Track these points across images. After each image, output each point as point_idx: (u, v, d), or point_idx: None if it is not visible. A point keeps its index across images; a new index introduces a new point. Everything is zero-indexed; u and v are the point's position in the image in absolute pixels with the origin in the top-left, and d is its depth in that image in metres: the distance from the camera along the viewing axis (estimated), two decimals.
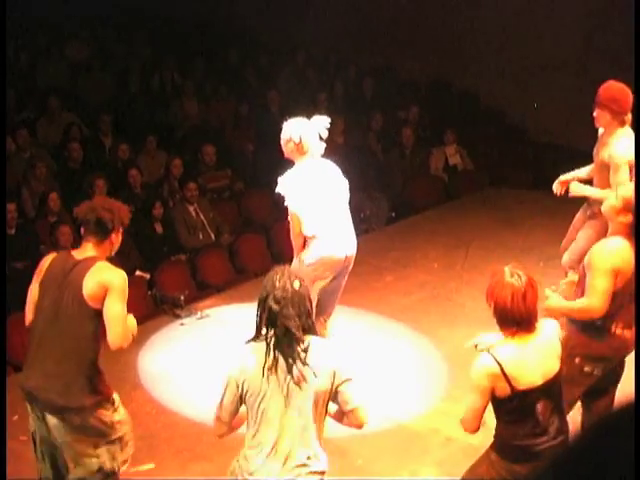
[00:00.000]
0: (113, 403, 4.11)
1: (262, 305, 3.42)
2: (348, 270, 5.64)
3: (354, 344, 5.99)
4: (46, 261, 4.18)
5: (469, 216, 9.11)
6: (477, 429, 3.66)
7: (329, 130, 5.51)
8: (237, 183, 9.67)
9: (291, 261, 5.46)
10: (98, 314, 3.96)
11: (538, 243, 7.90)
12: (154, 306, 7.31)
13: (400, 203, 10.05)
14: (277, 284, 3.40)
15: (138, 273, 7.60)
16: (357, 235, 5.66)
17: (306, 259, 5.41)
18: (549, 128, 11.01)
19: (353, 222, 5.65)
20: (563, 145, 10.35)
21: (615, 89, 5.47)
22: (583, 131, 5.72)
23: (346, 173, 5.64)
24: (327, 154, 5.56)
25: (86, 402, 4.00)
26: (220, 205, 9.11)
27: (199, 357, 6.19)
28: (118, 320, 3.93)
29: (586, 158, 5.74)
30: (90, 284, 3.93)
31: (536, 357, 3.56)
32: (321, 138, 5.45)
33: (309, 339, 3.42)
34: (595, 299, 4.23)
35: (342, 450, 5.02)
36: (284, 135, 5.46)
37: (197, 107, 11.24)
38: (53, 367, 3.98)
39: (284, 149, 5.50)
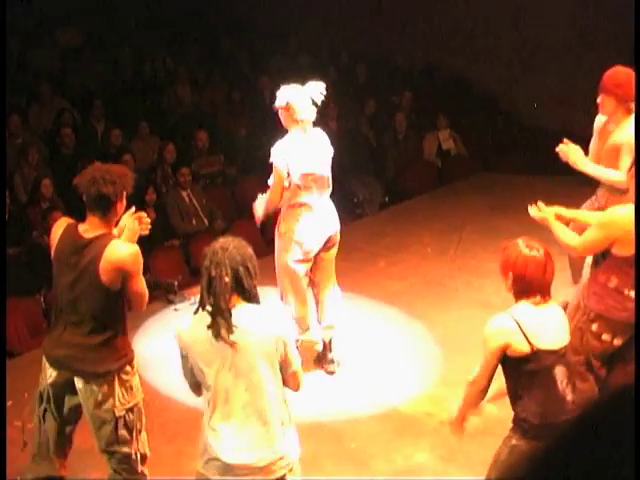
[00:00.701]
0: (133, 367, 4.16)
1: (202, 269, 3.37)
2: (334, 247, 5.59)
3: (348, 329, 6.01)
4: (57, 230, 4.12)
5: (462, 201, 9.11)
6: (486, 389, 3.64)
7: (323, 115, 5.45)
8: (230, 169, 9.65)
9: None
10: (117, 292, 4.00)
11: (531, 228, 7.90)
12: (147, 292, 7.30)
13: (393, 188, 10.05)
14: (215, 246, 3.36)
15: None
16: (350, 221, 5.64)
17: (293, 236, 5.38)
18: (542, 113, 11.00)
19: (346, 207, 5.64)
20: (557, 130, 10.35)
21: (621, 74, 5.25)
22: (577, 115, 5.68)
23: (339, 158, 5.59)
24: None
25: (112, 367, 4.06)
26: (213, 191, 9.09)
27: None
28: (141, 296, 4.10)
29: (580, 143, 5.69)
30: (106, 268, 3.92)
31: (552, 322, 3.56)
32: (315, 104, 5.33)
33: (249, 305, 3.34)
34: (581, 246, 4.44)
35: (336, 434, 5.05)
36: (277, 102, 5.38)
37: (190, 93, 11.20)
38: (78, 339, 4.04)
39: (280, 117, 5.42)
